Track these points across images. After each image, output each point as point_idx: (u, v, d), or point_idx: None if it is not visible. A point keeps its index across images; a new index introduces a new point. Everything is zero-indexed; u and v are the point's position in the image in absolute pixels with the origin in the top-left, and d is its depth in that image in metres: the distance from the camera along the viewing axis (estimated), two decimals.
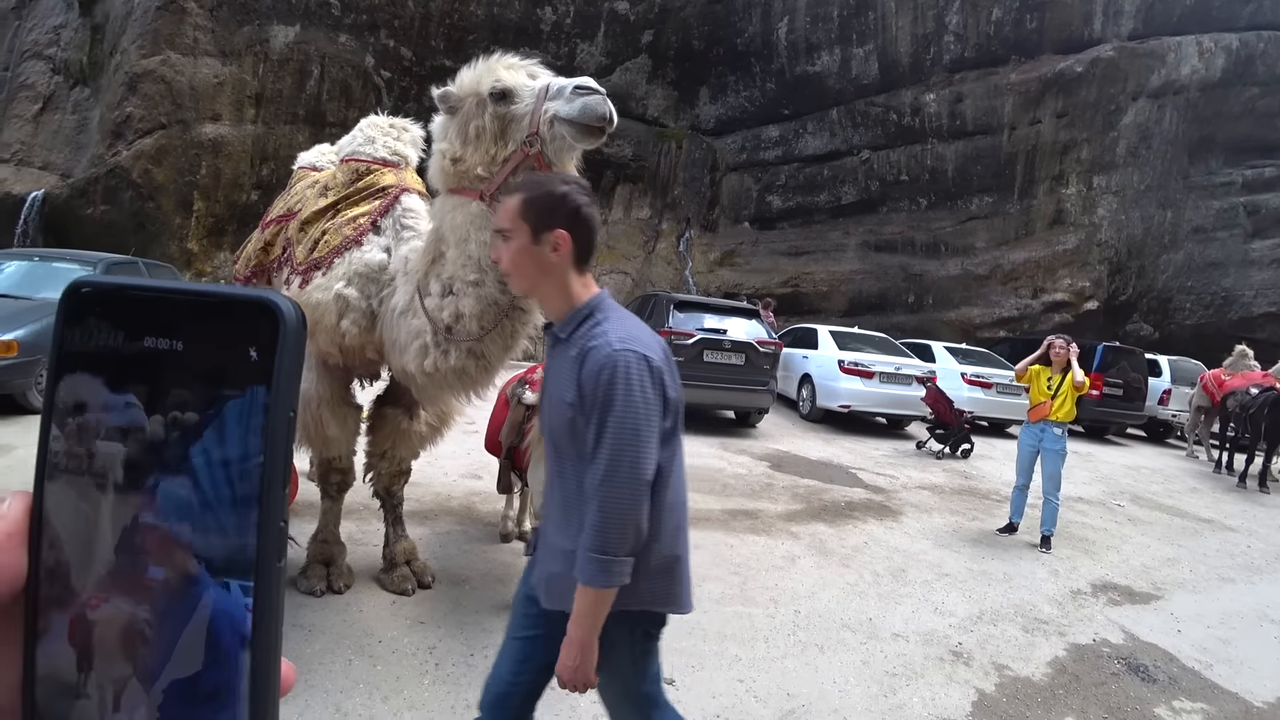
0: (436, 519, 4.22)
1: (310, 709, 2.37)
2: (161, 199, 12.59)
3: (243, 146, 13.38)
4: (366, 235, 2.82)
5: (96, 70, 12.54)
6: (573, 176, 1.86)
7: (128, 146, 12.25)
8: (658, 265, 15.82)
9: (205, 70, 12.48)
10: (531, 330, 2.69)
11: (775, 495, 5.55)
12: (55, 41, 12.72)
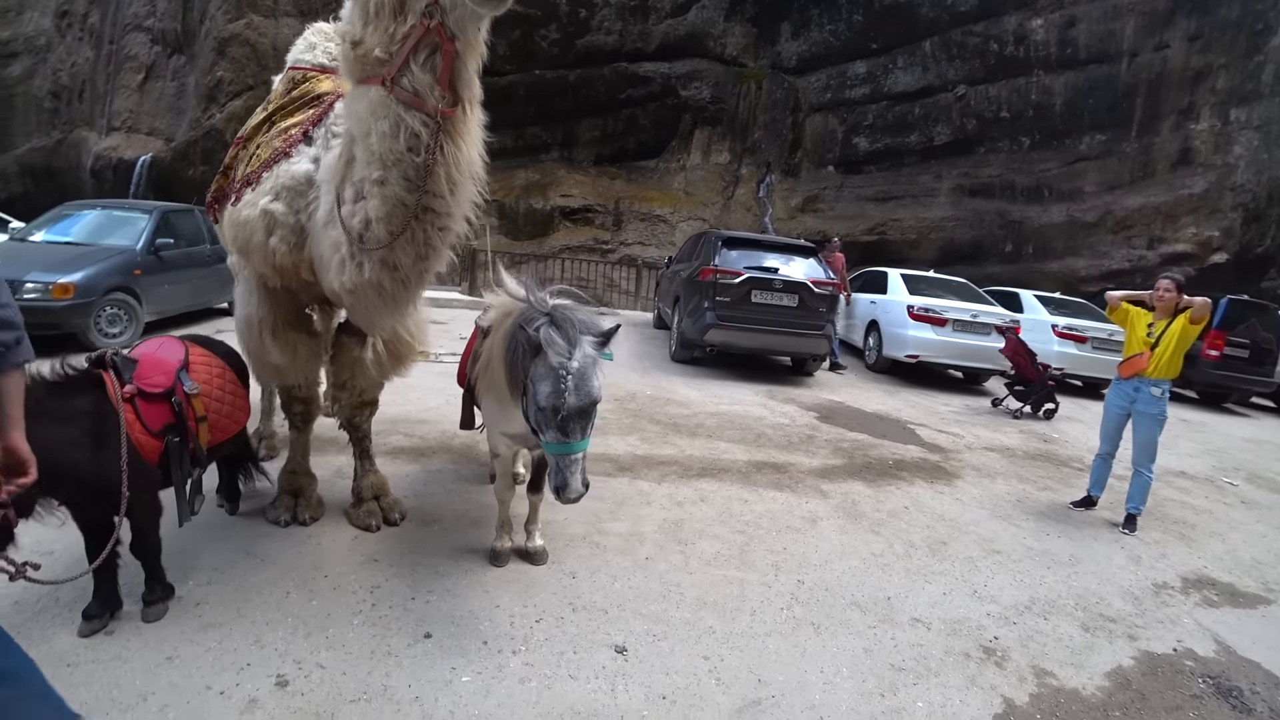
0: (433, 456, 4.07)
1: (230, 638, 2.24)
2: None
3: None
4: (296, 146, 2.59)
5: (190, 38, 13.32)
6: None
7: (220, 109, 13.03)
8: (736, 212, 15.06)
9: (286, 30, 12.94)
10: (453, 238, 2.36)
11: (814, 449, 4.99)
12: (152, 13, 13.62)
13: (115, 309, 5.79)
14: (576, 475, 2.12)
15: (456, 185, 2.14)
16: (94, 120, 13.83)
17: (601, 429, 4.85)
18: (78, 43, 14.54)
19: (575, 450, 2.13)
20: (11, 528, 1.80)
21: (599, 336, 2.18)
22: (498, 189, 14.72)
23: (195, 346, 2.61)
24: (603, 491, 3.76)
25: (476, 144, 2.18)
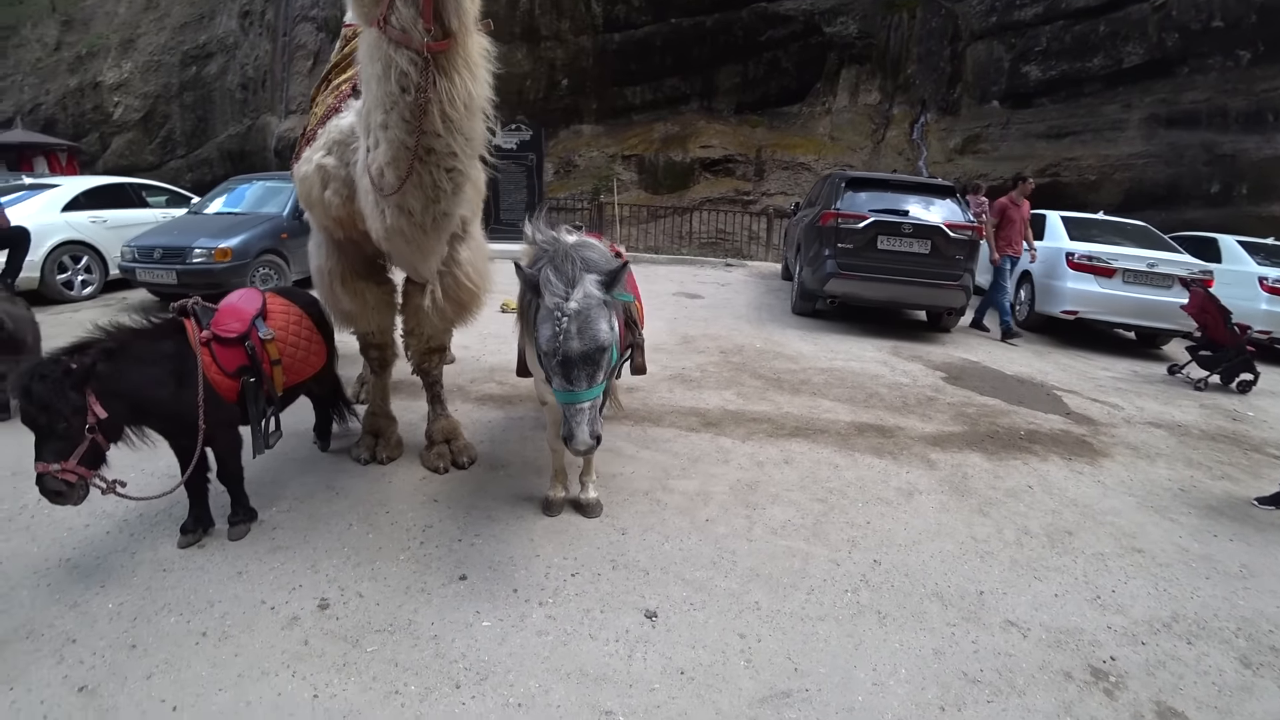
0: (519, 404, 4.14)
1: (292, 561, 2.46)
2: None
3: None
4: (345, 100, 2.64)
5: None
6: None
7: None
8: (887, 156, 13.54)
9: None
10: (464, 179, 2.26)
11: (932, 412, 4.36)
12: (316, 3, 15.06)
13: (267, 269, 6.61)
14: (584, 426, 1.98)
15: (453, 122, 2.03)
16: (275, 106, 15.90)
17: (698, 382, 4.66)
18: (258, 38, 16.67)
19: (580, 399, 1.98)
20: (102, 451, 2.10)
21: (604, 276, 1.98)
22: (637, 143, 14.60)
23: (275, 296, 2.84)
24: (678, 446, 3.60)
25: (477, 77, 2.05)
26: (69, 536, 2.51)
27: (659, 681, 1.99)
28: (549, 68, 15.04)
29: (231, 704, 1.84)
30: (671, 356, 5.26)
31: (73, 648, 2.00)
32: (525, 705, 1.89)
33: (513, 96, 15.19)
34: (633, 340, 2.83)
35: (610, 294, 2.02)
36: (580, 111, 15.47)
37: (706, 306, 7.32)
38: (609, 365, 2.08)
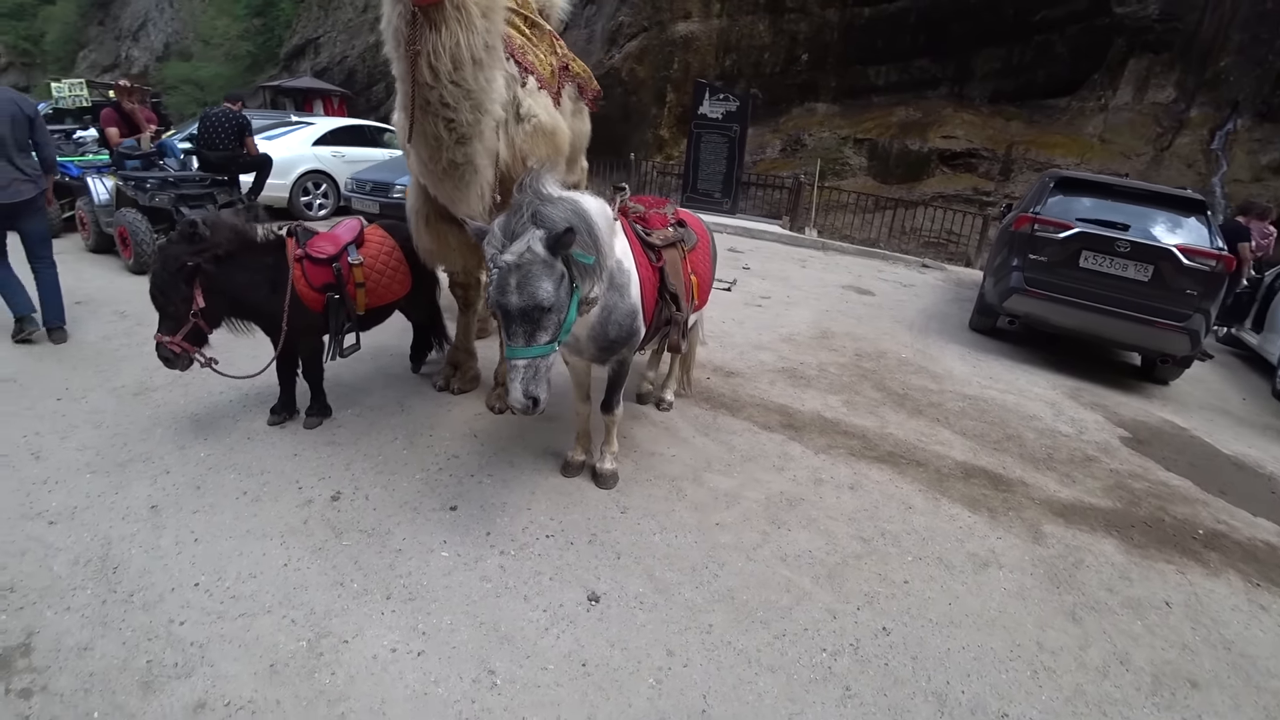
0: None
1: (335, 456, 2.86)
2: (642, 93, 15.13)
3: (709, 40, 14.72)
4: None
5: None
6: None
7: (619, 50, 15.01)
8: (1172, 167, 10.46)
9: None
10: (465, 129, 2.26)
11: (1080, 476, 3.34)
12: None
13: None
14: (516, 384, 1.94)
15: (441, 74, 2.07)
16: None
17: (809, 380, 4.22)
18: None
19: (515, 355, 1.93)
20: (204, 332, 2.64)
21: (551, 234, 1.86)
22: (872, 127, 13.35)
23: (375, 228, 3.24)
24: (740, 441, 3.32)
25: (473, 29, 2.06)
26: (206, 399, 3.25)
27: (556, 664, 1.91)
28: (789, 41, 14.33)
29: (230, 549, 2.24)
30: (796, 349, 4.82)
31: (164, 477, 2.61)
32: (428, 635, 1.97)
33: (749, 69, 14.87)
34: (668, 315, 2.65)
35: (556, 254, 1.90)
36: (817, 88, 14.52)
37: (871, 305, 6.51)
38: (555, 328, 1.98)
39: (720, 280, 6.51)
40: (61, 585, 2.06)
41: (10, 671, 1.77)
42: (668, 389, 3.66)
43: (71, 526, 2.31)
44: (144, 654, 1.85)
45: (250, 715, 1.70)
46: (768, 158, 14.13)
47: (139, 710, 1.69)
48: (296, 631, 1.96)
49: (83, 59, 30.56)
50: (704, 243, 3.09)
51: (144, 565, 2.16)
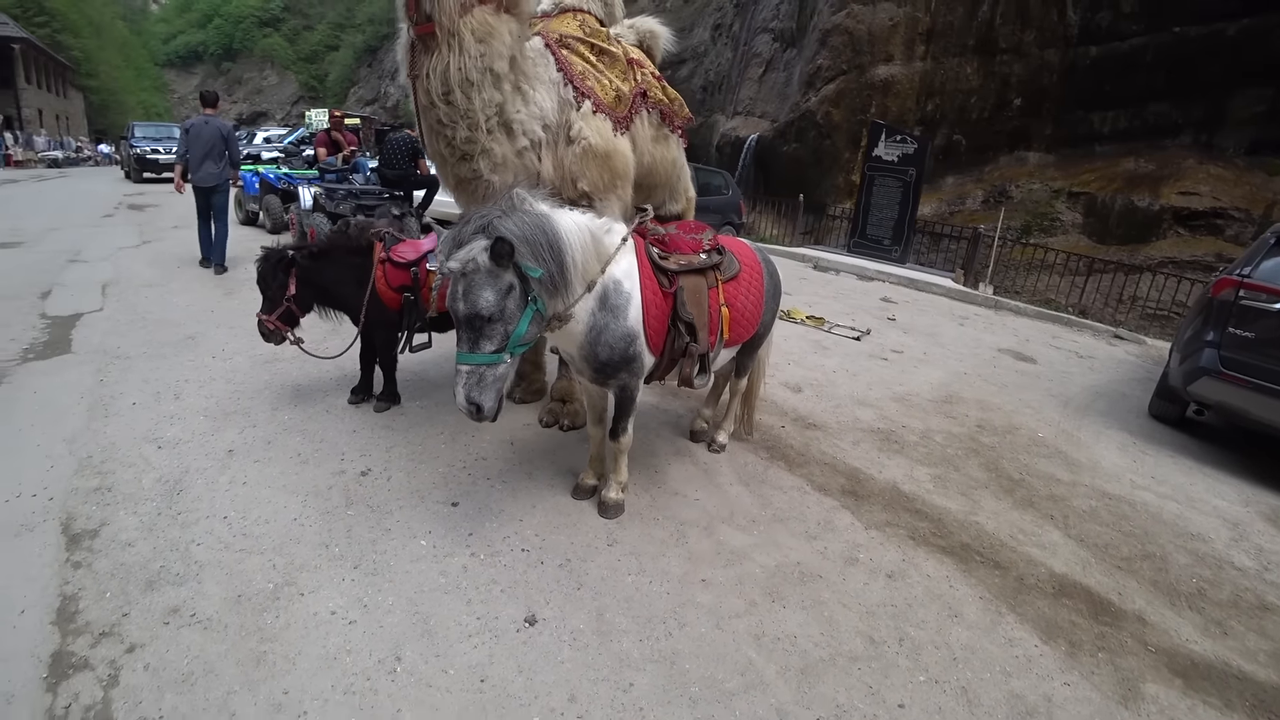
0: (675, 398, 4.06)
1: (383, 438, 3.16)
2: (836, 136, 14.77)
3: (910, 84, 13.99)
4: None
5: (801, 33, 15.45)
6: None
7: (815, 93, 14.83)
8: None
9: (882, 15, 13.48)
10: (469, 147, 2.43)
11: (1239, 629, 2.32)
12: (776, 16, 16.30)
13: None
14: (459, 389, 1.99)
15: (433, 96, 2.24)
16: (725, 107, 18.09)
17: (903, 446, 3.68)
18: (723, 47, 19.11)
19: (459, 361, 1.98)
20: (296, 316, 3.13)
21: (490, 241, 1.87)
22: (1091, 179, 11.50)
23: None
24: (781, 500, 2.98)
25: (468, 53, 2.23)
26: (312, 374, 3.82)
27: (458, 671, 1.88)
28: (1000, 84, 12.94)
29: (263, 497, 2.62)
30: (905, 410, 4.21)
31: (250, 429, 3.13)
32: (367, 609, 2.08)
33: (952, 113, 13.74)
34: (682, 345, 2.49)
35: (501, 265, 1.90)
36: (1028, 136, 12.89)
37: (1024, 374, 5.43)
38: (501, 339, 1.98)
39: (847, 327, 6.07)
40: (139, 495, 2.56)
41: (77, 548, 2.25)
42: (722, 430, 3.44)
43: (171, 453, 2.87)
44: (161, 560, 2.22)
45: (203, 630, 1.95)
46: (966, 209, 12.76)
47: (135, 600, 2.03)
48: (272, 575, 2.20)
49: (352, 94, 39.20)
50: (751, 274, 2.87)
51: (199, 494, 2.60)
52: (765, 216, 13.73)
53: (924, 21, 13.54)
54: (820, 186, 14.77)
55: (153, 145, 16.73)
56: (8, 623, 1.92)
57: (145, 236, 8.26)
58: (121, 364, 3.81)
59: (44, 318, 4.57)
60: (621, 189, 3.16)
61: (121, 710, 1.69)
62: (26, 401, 3.26)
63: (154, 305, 5.05)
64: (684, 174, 4.35)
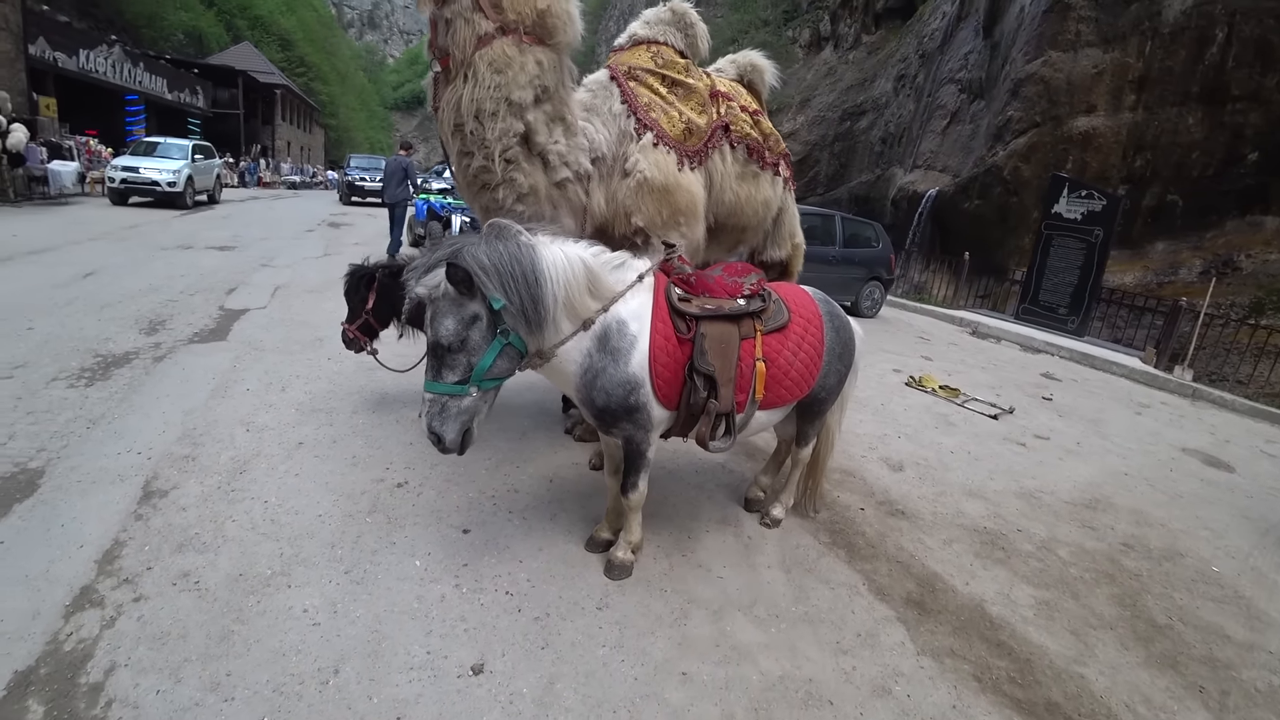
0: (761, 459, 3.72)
1: (434, 455, 3.24)
2: (1024, 194, 13.26)
3: (1114, 137, 12.24)
4: None
5: (990, 83, 14.12)
6: None
7: (1004, 147, 13.46)
8: None
9: (1085, 62, 11.96)
10: (486, 176, 2.50)
11: None
12: (964, 66, 15.01)
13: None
14: (423, 417, 1.98)
15: (446, 125, 2.30)
16: (904, 160, 16.93)
17: (1009, 555, 3.02)
18: (905, 99, 17.94)
19: (426, 388, 1.95)
20: (374, 328, 3.40)
21: (446, 268, 1.81)
22: None
23: None
24: (820, 595, 2.53)
25: (479, 83, 2.29)
26: (402, 384, 4.09)
27: (382, 702, 1.80)
28: (1230, 136, 10.66)
29: (305, 489, 2.82)
30: (1029, 510, 3.43)
31: (325, 427, 3.42)
32: (336, 615, 2.10)
33: (1167, 170, 11.64)
34: (699, 401, 2.23)
35: (461, 291, 1.83)
36: (1266, 197, 10.42)
37: (1212, 484, 4.13)
38: (464, 370, 1.91)
39: (986, 403, 5.18)
40: (212, 468, 2.90)
41: (146, 503, 2.59)
42: (779, 502, 3.04)
43: (253, 437, 3.23)
44: (198, 528, 2.47)
45: (197, 597, 2.11)
46: (1179, 280, 10.56)
47: (162, 558, 2.28)
48: (274, 563, 2.33)
49: None
50: (806, 328, 2.52)
51: (257, 477, 2.88)
52: (939, 276, 12.58)
53: (1135, 68, 11.69)
54: (1004, 247, 13.25)
55: (361, 174, 20.18)
56: (66, 553, 2.24)
57: (328, 250, 9.76)
58: (255, 355, 4.44)
59: (221, 310, 5.53)
60: (687, 227, 3.01)
61: (101, 649, 1.85)
62: (174, 375, 3.91)
63: (304, 309, 5.87)
64: (787, 217, 4.08)
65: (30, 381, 3.58)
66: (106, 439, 3.05)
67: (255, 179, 27.33)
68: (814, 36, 25.72)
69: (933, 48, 17.54)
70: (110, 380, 3.74)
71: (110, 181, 13.37)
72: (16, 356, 3.91)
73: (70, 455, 2.87)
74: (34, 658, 1.79)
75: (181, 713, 1.68)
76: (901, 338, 8.20)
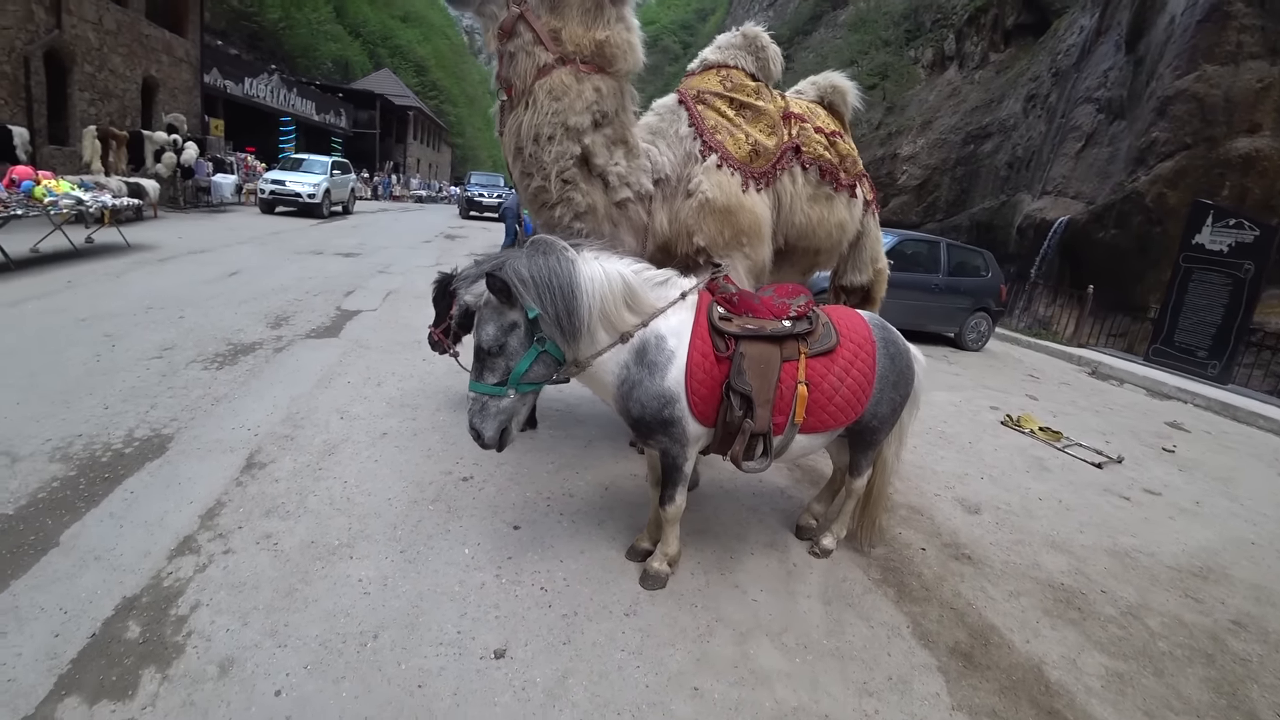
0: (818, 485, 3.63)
1: (504, 455, 3.43)
2: (1169, 223, 11.92)
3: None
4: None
5: (1134, 102, 12.77)
6: None
7: (1146, 172, 12.19)
8: None
9: (1247, 76, 10.58)
10: (544, 195, 2.65)
11: None
12: (1103, 84, 13.61)
13: None
14: (467, 414, 2.13)
15: (506, 147, 2.47)
16: (1032, 185, 15.55)
17: (1086, 617, 2.73)
18: (1036, 120, 16.46)
19: (469, 387, 2.11)
20: (459, 333, 3.67)
21: (486, 278, 1.96)
22: None
23: None
24: (856, 635, 2.41)
25: (537, 109, 2.45)
26: None
27: (408, 669, 1.96)
28: None
29: (381, 473, 3.12)
30: (1119, 572, 3.08)
31: (409, 421, 3.75)
32: (386, 588, 2.30)
33: None
34: (735, 419, 2.24)
35: (500, 300, 1.96)
36: None
37: None
38: (502, 373, 2.04)
39: (1092, 449, 4.69)
40: (306, 448, 3.27)
41: (247, 473, 2.98)
42: (830, 533, 2.96)
43: (345, 424, 3.60)
44: (285, 498, 2.81)
45: (273, 556, 2.41)
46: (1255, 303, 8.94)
47: (252, 520, 2.62)
48: (343, 535, 2.59)
49: None
50: (856, 352, 2.45)
51: (342, 459, 3.21)
52: (1066, 310, 11.55)
53: None
54: (1143, 281, 11.92)
55: (479, 190, 21.72)
56: (178, 506, 2.64)
57: (440, 260, 10.54)
58: (360, 352, 4.93)
59: (337, 310, 6.17)
60: (750, 248, 3.02)
61: (191, 589, 2.17)
62: (289, 366, 4.43)
63: (410, 312, 6.41)
64: (868, 241, 3.98)
65: (174, 361, 4.22)
66: (225, 415, 3.54)
67: (388, 193, 30.13)
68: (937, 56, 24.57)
69: (1068, 65, 16.20)
70: (236, 365, 4.32)
71: (260, 193, 15.36)
72: (167, 340, 4.61)
73: (195, 426, 3.36)
74: (139, 588, 2.14)
75: (243, 650, 1.93)
76: (1007, 374, 7.60)
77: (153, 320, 5.11)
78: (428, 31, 51.87)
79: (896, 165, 21.85)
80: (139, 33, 15.67)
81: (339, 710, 1.79)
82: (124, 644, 1.92)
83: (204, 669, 1.86)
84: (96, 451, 3.01)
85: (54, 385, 3.67)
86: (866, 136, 23.23)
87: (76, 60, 13.65)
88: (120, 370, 3.99)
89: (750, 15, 38.22)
